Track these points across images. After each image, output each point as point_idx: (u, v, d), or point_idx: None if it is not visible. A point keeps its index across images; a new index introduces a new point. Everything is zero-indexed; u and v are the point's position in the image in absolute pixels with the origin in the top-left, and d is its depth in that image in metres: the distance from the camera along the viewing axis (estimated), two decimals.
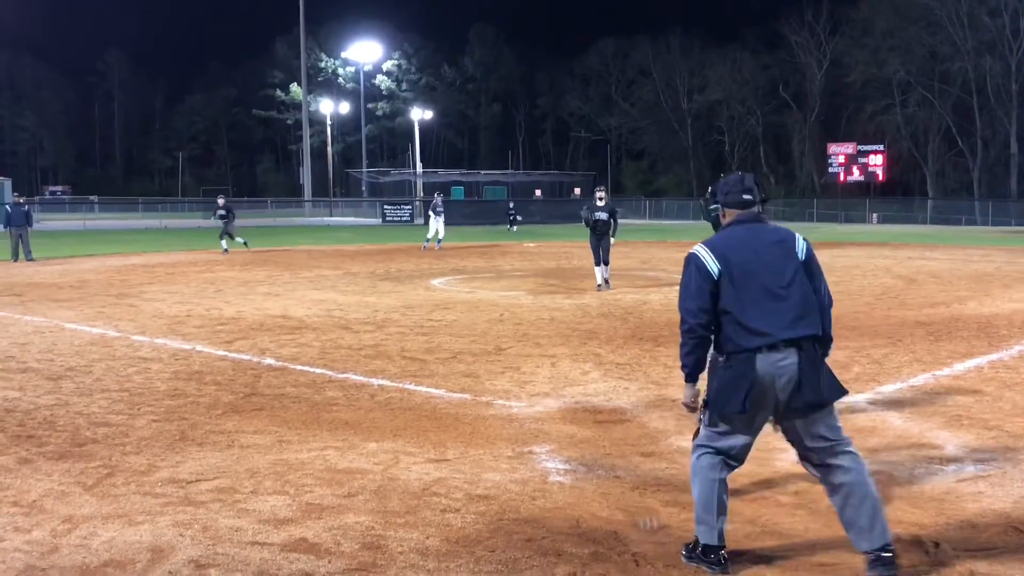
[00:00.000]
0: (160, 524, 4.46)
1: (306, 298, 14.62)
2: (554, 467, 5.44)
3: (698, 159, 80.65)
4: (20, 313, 12.81)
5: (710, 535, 3.89)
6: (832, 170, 64.04)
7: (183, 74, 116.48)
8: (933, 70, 60.36)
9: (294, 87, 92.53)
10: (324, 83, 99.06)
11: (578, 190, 71.89)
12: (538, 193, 70.15)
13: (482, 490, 4.98)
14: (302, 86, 78.42)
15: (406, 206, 57.18)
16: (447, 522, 4.50)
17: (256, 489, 5.00)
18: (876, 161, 62.66)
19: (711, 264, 3.83)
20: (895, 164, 65.44)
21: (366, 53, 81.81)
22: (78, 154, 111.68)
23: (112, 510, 4.68)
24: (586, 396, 7.37)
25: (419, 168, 72.25)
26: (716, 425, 3.90)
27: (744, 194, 3.99)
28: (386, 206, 56.78)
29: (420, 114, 77.83)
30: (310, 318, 12.21)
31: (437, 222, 28.29)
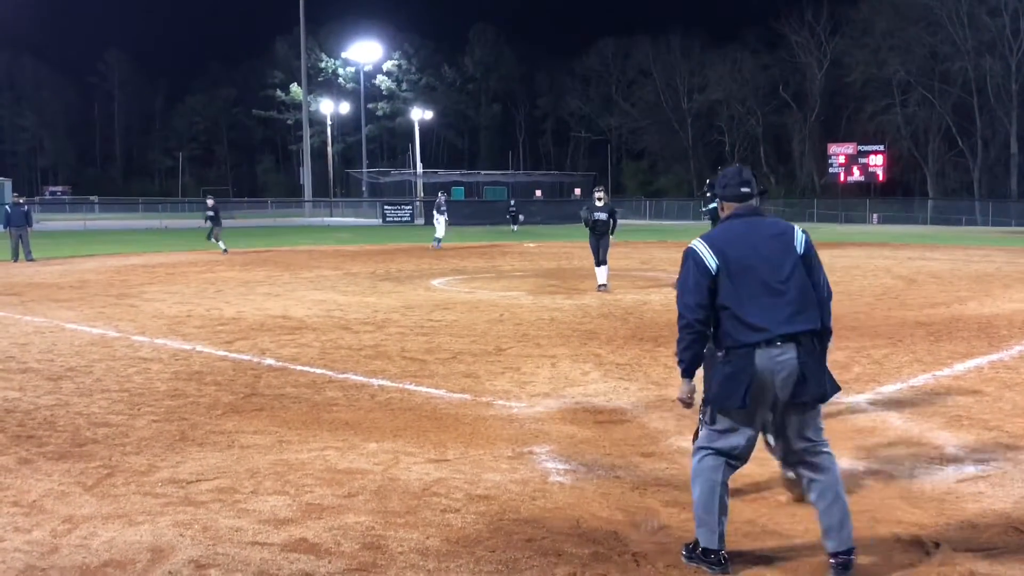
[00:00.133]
0: (160, 524, 4.46)
1: (306, 298, 14.62)
2: (554, 467, 5.44)
3: (698, 159, 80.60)
4: (20, 313, 12.81)
5: (711, 538, 3.89)
6: (832, 170, 64.03)
7: (183, 74, 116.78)
8: (933, 70, 60.37)
9: (294, 87, 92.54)
10: (324, 83, 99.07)
11: (578, 190, 71.97)
12: (538, 193, 70.19)
13: (482, 490, 4.98)
14: (302, 86, 78.47)
15: (406, 206, 57.19)
16: (447, 522, 4.50)
17: (256, 489, 5.00)
18: (876, 161, 62.67)
19: (709, 259, 3.82)
20: (895, 164, 65.44)
21: (366, 53, 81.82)
22: (78, 154, 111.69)
23: (112, 510, 4.68)
24: (586, 396, 7.37)
25: (419, 168, 72.28)
26: (716, 422, 3.89)
27: (742, 187, 3.97)
28: (386, 206, 56.79)
29: (420, 114, 77.86)
30: (310, 318, 12.21)
31: (440, 222, 28.30)
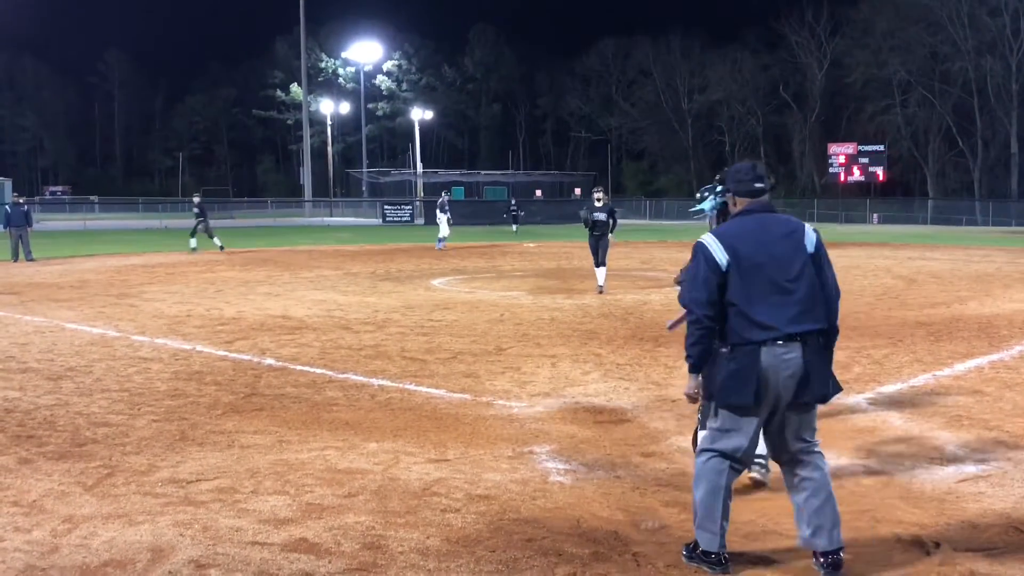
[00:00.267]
0: (160, 524, 4.46)
1: (306, 298, 14.62)
2: (554, 467, 5.44)
3: (698, 159, 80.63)
4: (20, 313, 12.81)
5: (711, 542, 3.88)
6: (832, 170, 64.03)
7: (183, 74, 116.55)
8: (933, 70, 60.39)
9: (294, 87, 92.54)
10: (324, 83, 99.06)
11: (578, 190, 71.99)
12: (538, 193, 70.20)
13: (482, 490, 4.98)
14: (302, 86, 78.48)
15: (406, 206, 57.20)
16: (447, 522, 4.50)
17: (256, 489, 5.00)
18: (876, 161, 62.65)
19: (719, 255, 3.80)
20: (895, 164, 65.43)
21: (366, 53, 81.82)
22: (78, 154, 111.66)
23: (112, 510, 4.67)
24: (586, 396, 7.37)
25: (419, 168, 72.29)
26: (718, 419, 3.88)
27: (756, 182, 3.95)
28: (386, 206, 56.82)
29: (420, 114, 77.87)
30: (310, 318, 12.21)
31: (443, 221, 28.32)
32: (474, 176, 78.83)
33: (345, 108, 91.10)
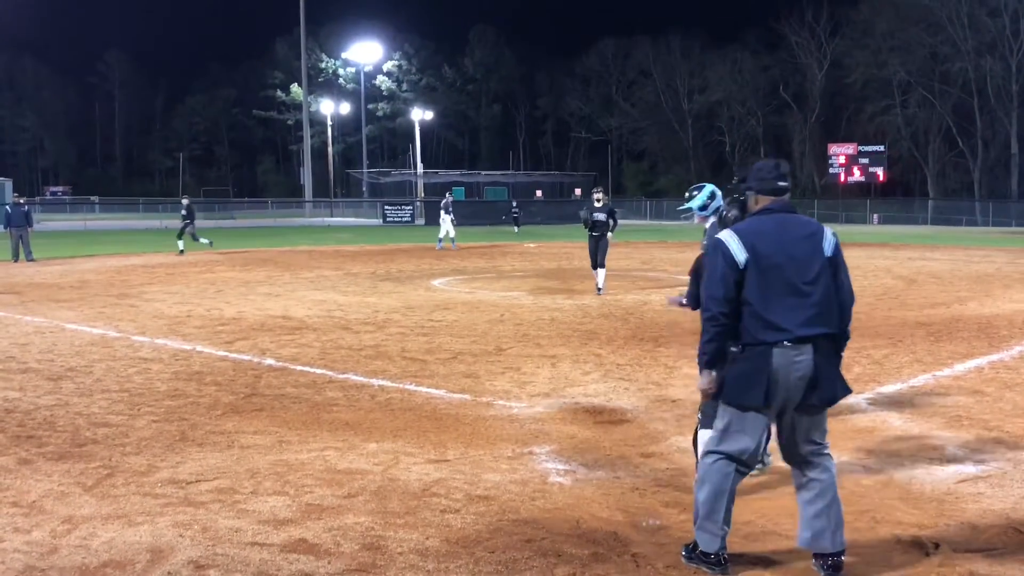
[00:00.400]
0: (160, 525, 4.46)
1: (307, 298, 14.62)
2: (554, 468, 5.44)
3: (698, 160, 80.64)
4: (20, 313, 12.81)
5: (712, 543, 3.87)
6: (832, 171, 64.03)
7: (183, 75, 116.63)
8: (933, 71, 60.39)
9: (294, 88, 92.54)
10: (324, 84, 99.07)
11: (579, 191, 72.01)
12: (539, 194, 70.21)
13: (482, 491, 4.98)
14: (302, 87, 78.47)
15: (407, 207, 57.20)
16: (447, 523, 4.50)
17: (256, 490, 5.00)
18: (876, 161, 62.65)
19: (738, 252, 3.76)
20: (895, 165, 65.43)
21: (366, 54, 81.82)
22: (79, 154, 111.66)
23: (112, 511, 4.68)
24: (586, 397, 7.37)
25: (420, 169, 72.29)
26: (725, 419, 3.86)
27: (779, 180, 3.92)
28: (387, 207, 56.81)
29: (420, 115, 77.86)
30: (311, 318, 12.21)
31: (446, 222, 28.32)
32: (474, 177, 78.84)
33: (345, 108, 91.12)
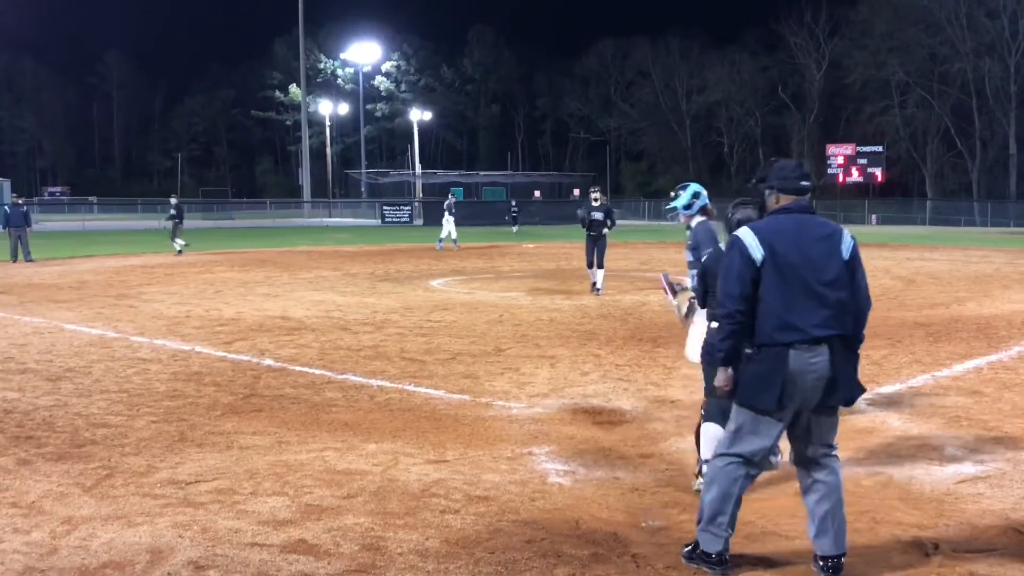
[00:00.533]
0: (159, 525, 4.46)
1: (305, 299, 14.61)
2: (553, 468, 5.44)
3: (697, 160, 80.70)
4: (19, 314, 12.80)
5: (714, 544, 3.86)
6: (831, 171, 64.05)
7: (182, 75, 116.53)
8: (932, 71, 60.43)
9: (293, 88, 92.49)
10: (323, 84, 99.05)
11: (577, 191, 71.95)
12: (537, 194, 70.21)
13: (481, 491, 4.98)
14: (301, 87, 78.41)
15: (405, 207, 57.19)
16: (446, 523, 4.50)
17: (255, 490, 5.00)
18: (875, 162, 62.68)
19: (755, 250, 3.74)
20: (894, 165, 65.47)
21: (365, 54, 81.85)
22: (77, 155, 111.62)
23: (111, 511, 4.67)
24: (585, 397, 7.37)
25: (418, 169, 72.33)
26: (738, 419, 3.84)
27: (802, 180, 3.90)
28: (385, 207, 56.79)
29: (419, 115, 77.91)
30: (309, 319, 12.21)
31: (448, 222, 28.31)
32: (473, 177, 78.83)
33: (344, 109, 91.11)
